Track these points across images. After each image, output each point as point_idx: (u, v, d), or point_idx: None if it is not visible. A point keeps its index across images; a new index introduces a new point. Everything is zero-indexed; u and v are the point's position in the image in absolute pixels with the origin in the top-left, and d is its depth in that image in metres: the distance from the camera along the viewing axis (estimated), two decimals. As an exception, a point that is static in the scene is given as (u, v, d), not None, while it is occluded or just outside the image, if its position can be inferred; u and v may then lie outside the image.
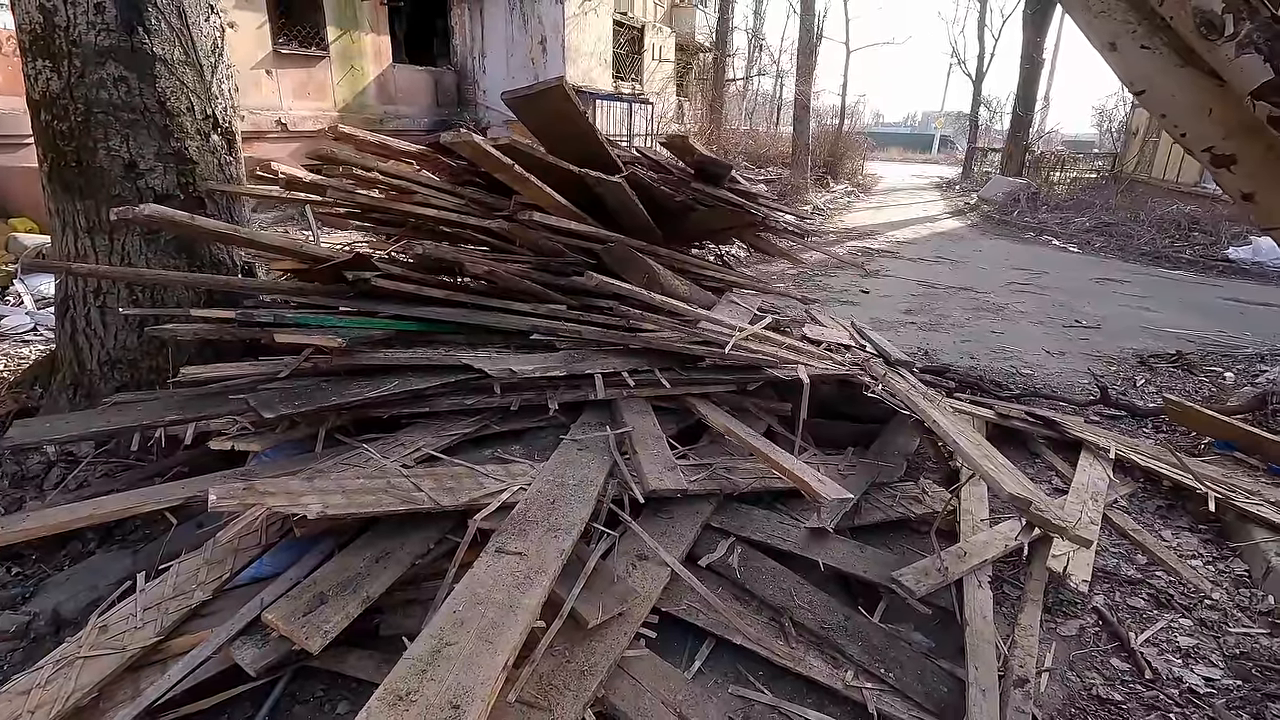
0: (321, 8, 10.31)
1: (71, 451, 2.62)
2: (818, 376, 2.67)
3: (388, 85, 11.81)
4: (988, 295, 6.94)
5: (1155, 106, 1.18)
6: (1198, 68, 1.12)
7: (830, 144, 18.89)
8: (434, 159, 2.90)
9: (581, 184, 2.81)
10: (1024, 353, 4.96)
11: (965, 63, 30.46)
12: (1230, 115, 1.11)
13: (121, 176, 2.57)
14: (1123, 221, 11.53)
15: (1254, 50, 1.01)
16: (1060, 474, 3.06)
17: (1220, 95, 1.12)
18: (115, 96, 2.51)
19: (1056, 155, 20.71)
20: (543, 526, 1.78)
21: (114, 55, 2.48)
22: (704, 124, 17.40)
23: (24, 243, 5.47)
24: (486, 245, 2.97)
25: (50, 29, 2.44)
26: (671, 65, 18.36)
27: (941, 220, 13.78)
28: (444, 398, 2.28)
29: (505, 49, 13.17)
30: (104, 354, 2.71)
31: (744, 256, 7.24)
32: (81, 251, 2.63)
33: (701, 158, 3.04)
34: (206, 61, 2.73)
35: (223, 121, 2.82)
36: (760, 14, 30.85)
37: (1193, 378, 4.46)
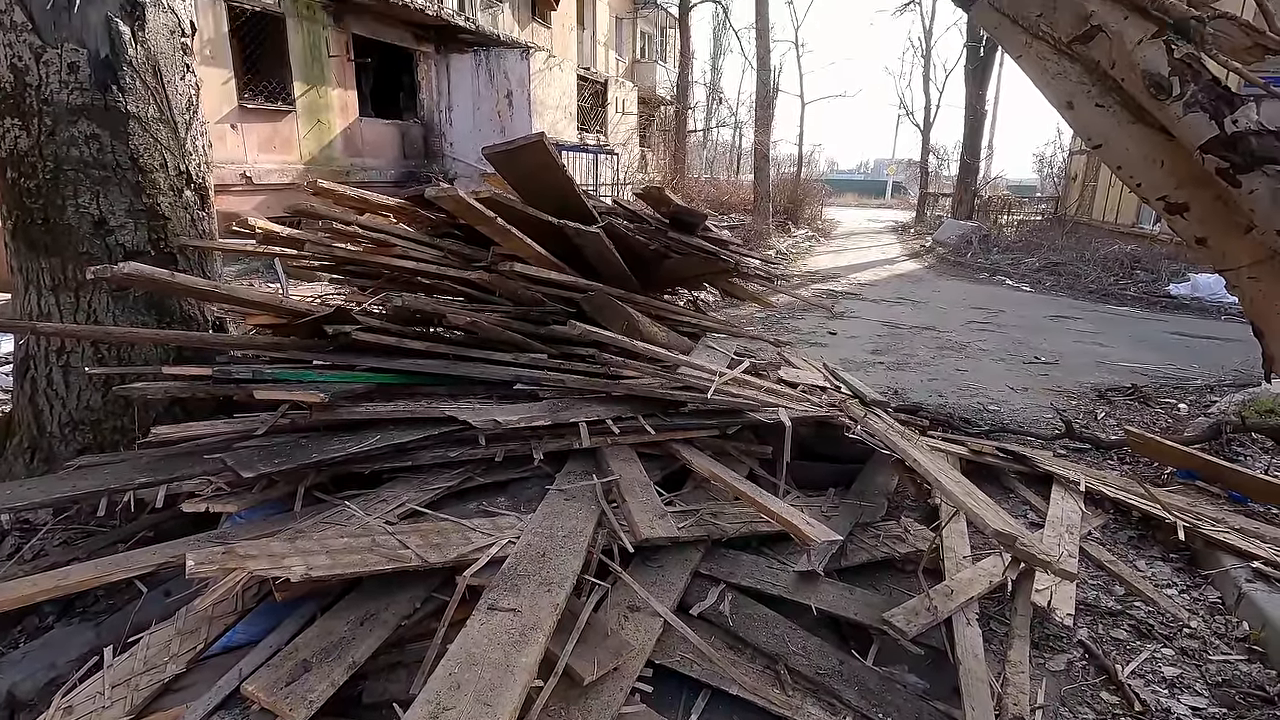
0: (289, 64, 10.39)
1: (27, 519, 2.49)
2: (798, 419, 2.70)
3: (354, 138, 11.88)
4: (950, 334, 7.15)
5: (1111, 159, 1.27)
6: (1149, 124, 1.20)
7: (790, 191, 19.52)
8: (412, 211, 2.91)
9: (560, 234, 2.86)
10: (989, 389, 5.10)
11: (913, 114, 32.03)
12: (1181, 167, 1.19)
13: (90, 233, 2.52)
14: (1070, 261, 12.07)
15: (1199, 109, 1.09)
16: (1035, 508, 3.12)
17: (1171, 149, 1.20)
18: (87, 154, 2.48)
19: (1003, 199, 21.72)
20: (535, 581, 1.74)
21: (86, 113, 2.47)
22: (667, 173, 17.85)
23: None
24: (463, 296, 2.97)
25: (21, 87, 2.42)
26: (634, 118, 18.89)
27: (900, 262, 14.25)
28: (426, 451, 2.25)
29: (472, 103, 13.41)
30: (65, 415, 2.61)
31: (714, 301, 7.35)
32: (46, 310, 2.55)
33: (676, 208, 3.12)
34: (181, 118, 2.72)
35: (196, 177, 2.80)
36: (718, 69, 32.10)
37: (1149, 410, 4.64)
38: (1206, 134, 1.10)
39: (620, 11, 23.25)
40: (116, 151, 2.53)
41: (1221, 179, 1.12)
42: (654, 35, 26.22)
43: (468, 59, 13.35)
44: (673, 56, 24.58)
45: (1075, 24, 1.17)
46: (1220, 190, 1.11)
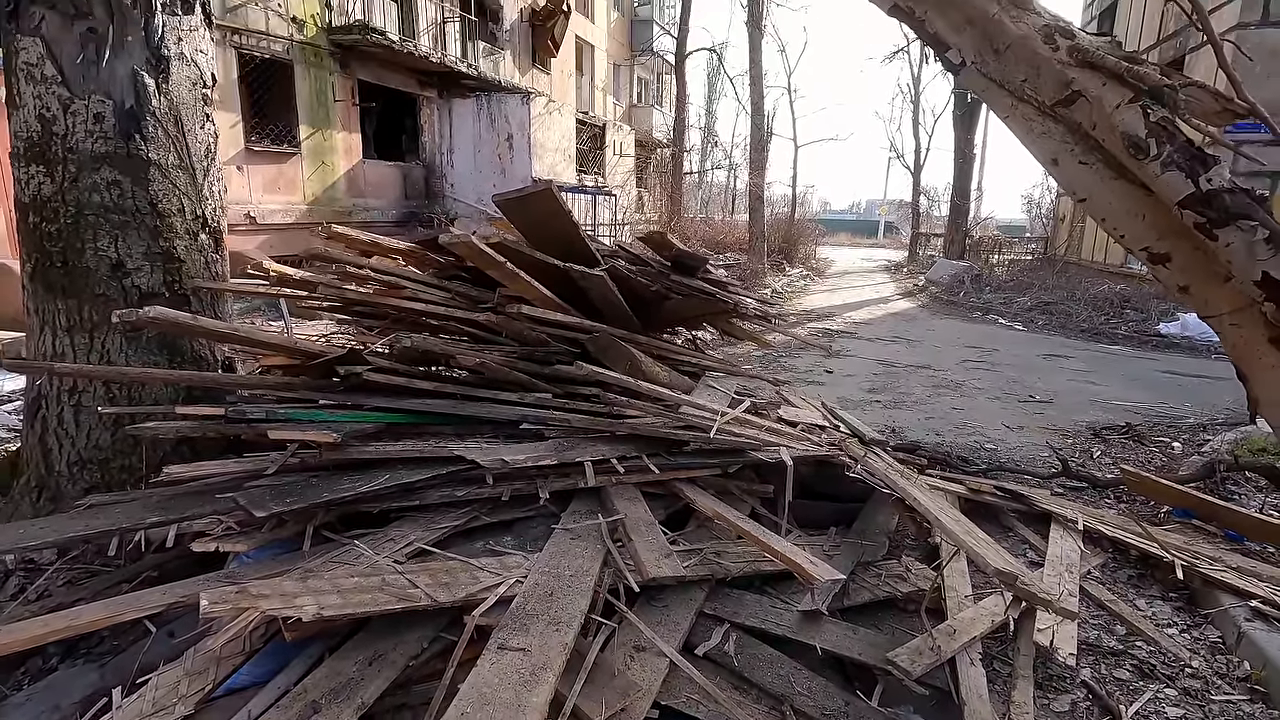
0: (295, 108, 10.66)
1: (32, 559, 2.50)
2: (799, 458, 2.74)
3: (357, 180, 12.10)
4: (945, 373, 7.23)
5: (1096, 212, 1.35)
6: (1129, 180, 1.28)
7: (784, 231, 19.84)
8: (420, 254, 2.99)
9: (564, 277, 2.93)
10: (985, 428, 5.15)
11: (904, 156, 32.75)
12: (1161, 220, 1.27)
13: (107, 276, 2.59)
14: (1061, 300, 12.26)
15: (1176, 168, 1.17)
16: (1034, 547, 3.14)
17: (1151, 203, 1.28)
18: (107, 199, 2.56)
19: (994, 239, 22.13)
20: (543, 620, 1.76)
21: (109, 161, 2.56)
22: (664, 213, 18.16)
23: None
24: (469, 336, 3.03)
25: (47, 136, 2.51)
26: (632, 160, 19.30)
27: (894, 301, 14.43)
28: (434, 490, 2.27)
29: (473, 145, 13.71)
30: (74, 454, 2.63)
31: (712, 340, 7.44)
32: (60, 351, 2.60)
33: (678, 251, 3.21)
34: (200, 165, 2.82)
35: (211, 221, 2.89)
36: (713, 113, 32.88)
37: (1143, 448, 4.69)
38: (1183, 191, 1.18)
39: (618, 59, 23.94)
40: (136, 197, 2.61)
41: (1199, 233, 1.18)
42: (650, 81, 26.95)
43: (469, 103, 13.70)
44: (669, 101, 25.24)
45: (1057, 89, 1.25)
46: (1199, 242, 1.19)
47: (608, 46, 22.58)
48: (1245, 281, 1.19)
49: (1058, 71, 1.25)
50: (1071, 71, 1.23)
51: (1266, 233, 1.13)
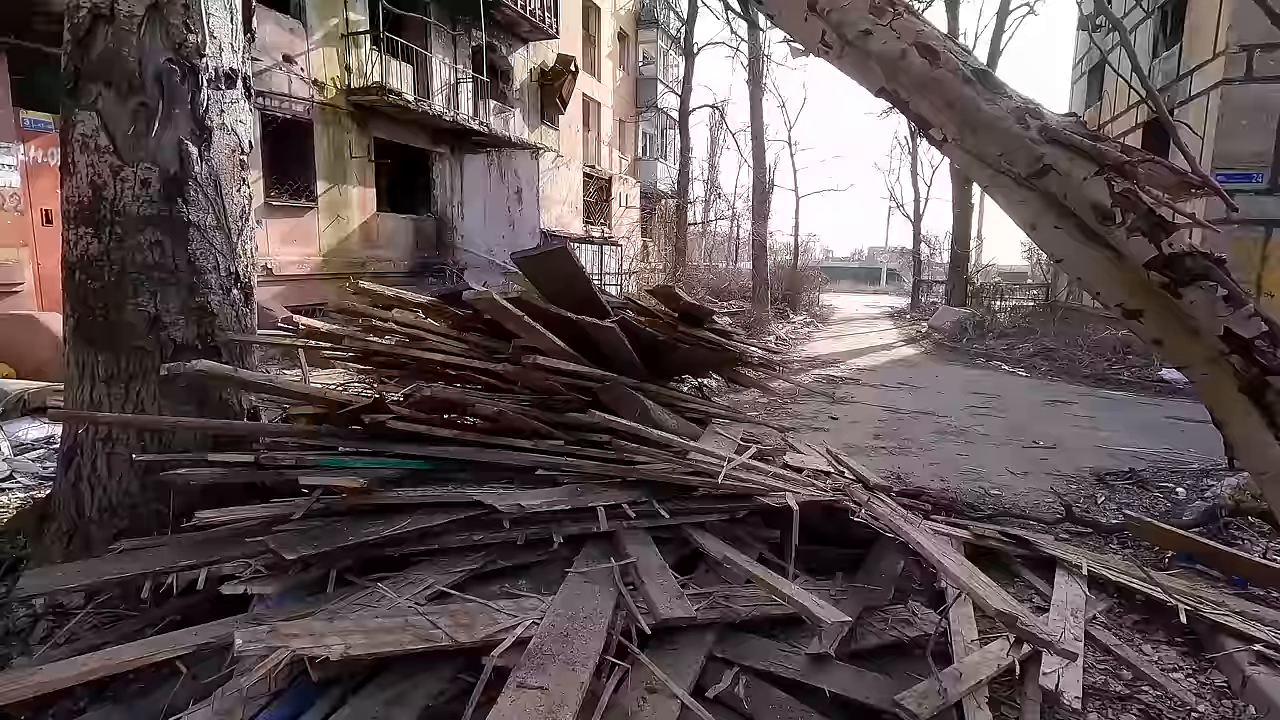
0: (314, 164, 11.07)
1: (61, 603, 2.57)
2: (804, 503, 2.82)
3: (371, 232, 12.46)
4: (949, 419, 7.29)
5: (1072, 272, 1.48)
6: (1100, 244, 1.41)
7: (787, 279, 20.17)
8: (439, 307, 3.14)
9: (576, 328, 3.07)
10: (990, 473, 5.20)
11: (903, 206, 33.42)
12: (1132, 279, 1.40)
13: (145, 329, 2.73)
14: (1063, 346, 12.37)
15: (1140, 234, 1.32)
16: (1040, 592, 3.17)
17: (1122, 264, 1.41)
18: (150, 258, 2.73)
19: (995, 286, 22.37)
20: (560, 660, 1.83)
21: (153, 222, 2.73)
22: (669, 262, 18.51)
23: (5, 389, 5.48)
24: (483, 385, 3.16)
25: (97, 201, 2.69)
26: (637, 211, 19.78)
27: (897, 348, 14.57)
28: (452, 534, 2.36)
29: (483, 199, 14.14)
30: (104, 500, 2.73)
31: (717, 387, 7.54)
32: (97, 400, 2.73)
33: (685, 304, 3.35)
34: (235, 225, 3.00)
35: (243, 277, 3.05)
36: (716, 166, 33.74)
37: (1147, 494, 4.72)
38: (1148, 254, 1.30)
39: (623, 115, 24.76)
40: (176, 256, 2.78)
41: (1165, 291, 1.31)
42: (655, 135, 27.78)
43: (480, 159, 14.18)
44: (673, 154, 25.97)
45: (1030, 163, 1.39)
46: (1167, 300, 1.31)
47: (613, 104, 23.40)
48: (1210, 335, 1.30)
49: (1029, 147, 1.38)
50: (1041, 148, 1.36)
51: (1225, 292, 1.25)
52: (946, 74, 1.39)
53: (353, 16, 11.77)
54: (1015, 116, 1.41)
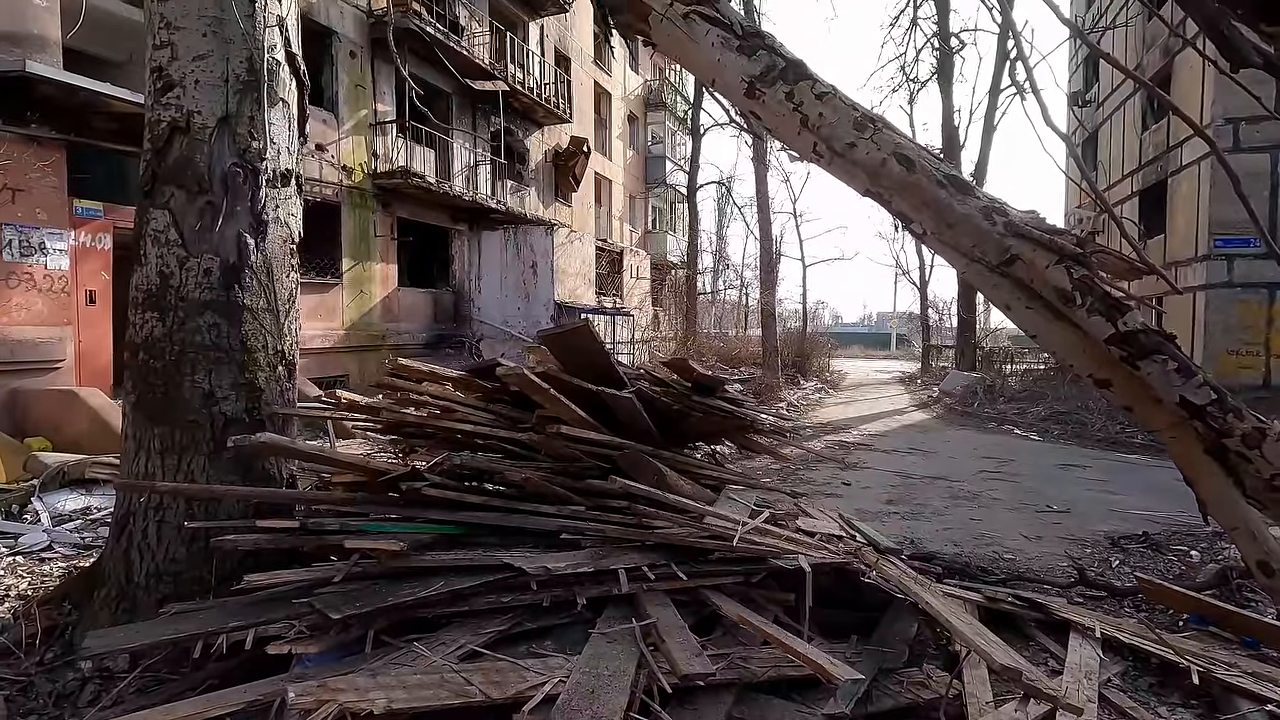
0: (340, 244, 11.63)
1: (108, 666, 2.69)
2: (817, 565, 2.93)
3: (392, 305, 12.92)
4: (962, 484, 7.33)
5: (1046, 346, 1.68)
6: (1067, 322, 1.62)
7: (797, 345, 20.44)
8: (468, 380, 3.36)
9: (595, 398, 3.27)
10: (1003, 538, 5.24)
11: (909, 273, 34.00)
12: (1098, 353, 1.61)
13: (200, 405, 2.96)
14: (1075, 409, 12.39)
15: (1098, 314, 1.53)
16: (1054, 655, 3.21)
17: (1088, 340, 1.62)
18: (207, 339, 2.99)
19: (1004, 350, 22.49)
20: (587, 715, 1.93)
21: (212, 307, 3.00)
22: (679, 331, 18.87)
23: (45, 461, 5.71)
24: (506, 453, 3.33)
25: (164, 289, 2.97)
26: (647, 282, 20.32)
27: (909, 413, 14.62)
28: (481, 596, 2.49)
29: (499, 272, 14.66)
30: (152, 566, 2.89)
31: (729, 454, 7.65)
32: (151, 471, 2.93)
33: (699, 374, 3.56)
34: (283, 308, 3.27)
35: (288, 355, 3.30)
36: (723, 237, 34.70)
37: (1162, 557, 4.74)
38: (1106, 332, 1.51)
39: (634, 191, 25.78)
40: (230, 336, 3.03)
41: (1126, 364, 1.51)
42: (664, 209, 28.79)
43: (497, 235, 14.78)
44: (682, 227, 26.85)
45: (999, 253, 1.60)
46: (1130, 371, 1.50)
47: (624, 180, 24.41)
48: (1170, 403, 1.50)
49: (998, 240, 1.61)
50: (1008, 240, 1.58)
51: (1176, 364, 1.45)
52: (922, 178, 1.63)
53: (380, 107, 12.60)
54: (984, 214, 1.64)
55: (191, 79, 2.99)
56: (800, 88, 1.73)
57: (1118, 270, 1.71)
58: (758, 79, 1.71)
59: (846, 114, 1.70)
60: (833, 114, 1.70)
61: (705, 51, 1.79)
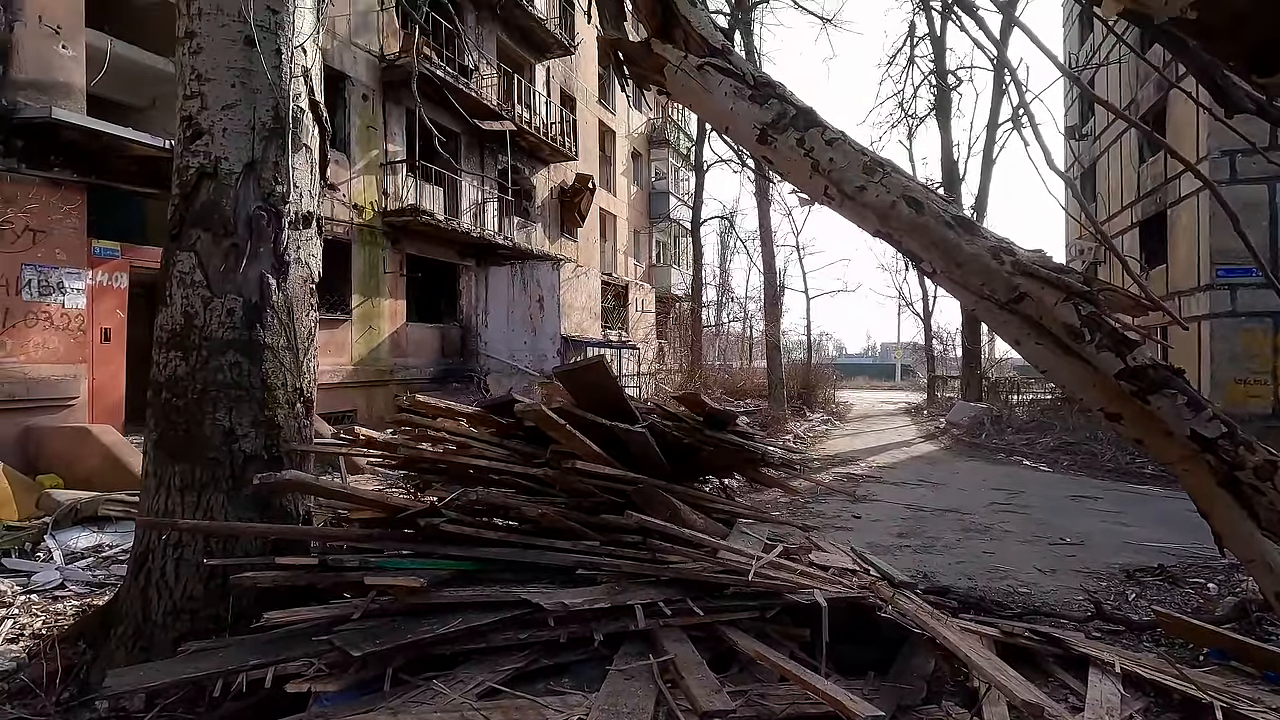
0: (350, 280, 11.79)
1: (124, 706, 2.69)
2: (832, 600, 2.92)
3: (400, 341, 13.03)
4: (973, 516, 7.28)
5: (1056, 381, 1.72)
6: (1077, 357, 1.66)
7: (802, 377, 20.45)
8: (483, 416, 3.41)
9: (608, 433, 3.30)
10: (1017, 571, 5.19)
11: (913, 304, 34.12)
12: (1109, 387, 1.64)
13: (220, 442, 3.00)
14: (1084, 440, 12.32)
15: (1107, 350, 1.57)
16: (1074, 691, 3.17)
17: (1098, 375, 1.65)
18: (228, 377, 3.04)
19: (1011, 380, 22.42)
20: (608, 753, 1.93)
21: (234, 345, 3.07)
22: (684, 364, 18.93)
23: (57, 499, 5.74)
24: (520, 489, 3.36)
25: (188, 329, 3.04)
26: (652, 315, 20.46)
27: (916, 444, 14.55)
28: (498, 633, 2.49)
29: (506, 307, 14.81)
30: (169, 604, 2.90)
31: (739, 487, 7.63)
32: (171, 509, 2.96)
33: (710, 409, 3.60)
34: (303, 346, 3.33)
35: (306, 392, 3.35)
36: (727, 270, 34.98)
37: (1178, 590, 4.69)
38: (1116, 367, 1.54)
39: (638, 225, 26.11)
40: (251, 375, 3.09)
41: (1136, 398, 1.54)
42: (669, 243, 29.11)
43: (504, 270, 14.97)
44: (686, 260, 27.11)
45: (1008, 291, 1.65)
46: (1140, 404, 1.54)
47: (629, 216, 24.76)
48: (1181, 436, 1.53)
49: (1006, 279, 1.65)
50: (1016, 279, 1.63)
51: (1186, 398, 1.49)
52: (930, 220, 1.69)
53: (391, 147, 12.89)
54: (992, 253, 1.69)
55: (220, 127, 3.11)
56: (811, 134, 1.80)
57: (1123, 306, 1.76)
58: (770, 126, 1.79)
59: (856, 159, 1.77)
60: (842, 159, 1.77)
61: (719, 101, 1.88)
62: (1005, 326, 1.78)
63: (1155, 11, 1.24)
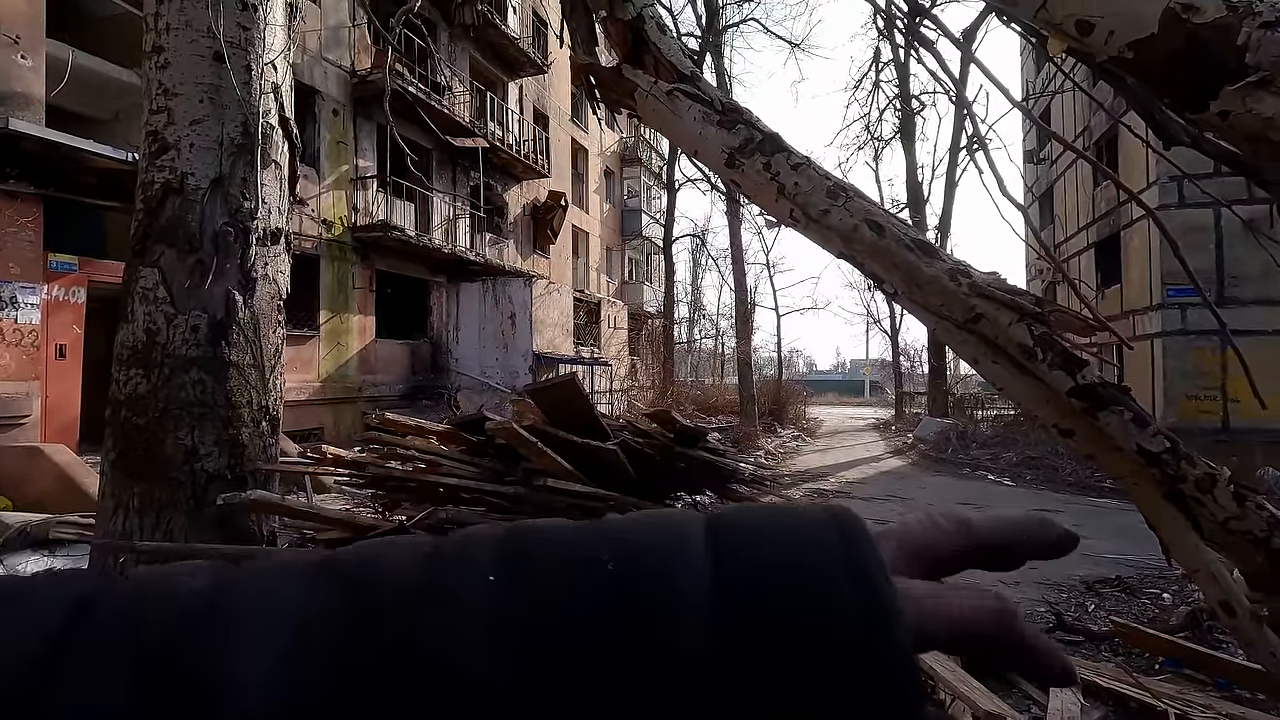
0: (318, 296, 11.63)
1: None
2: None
3: (369, 357, 12.86)
4: (939, 530, 7.40)
5: (1012, 398, 1.78)
6: (1030, 375, 1.72)
7: (773, 393, 20.63)
8: (453, 434, 3.39)
9: (580, 449, 3.31)
10: (981, 584, 5.28)
11: (880, 321, 34.76)
12: (1061, 404, 1.70)
13: (182, 462, 2.94)
14: (1046, 455, 12.64)
15: (1058, 368, 1.63)
16: (1037, 702, 3.24)
17: (1051, 392, 1.71)
18: (192, 395, 2.99)
19: (975, 397, 22.93)
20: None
21: (198, 363, 3.01)
22: (656, 380, 18.99)
23: (6, 521, 5.52)
24: (490, 506, 3.34)
25: (150, 346, 2.98)
26: (625, 331, 20.53)
27: (885, 460, 14.77)
28: (468, 653, 2.47)
29: (478, 323, 14.73)
30: (126, 630, 2.82)
31: (709, 503, 7.66)
32: (129, 530, 2.88)
33: (681, 426, 3.63)
34: (269, 363, 3.29)
35: (272, 410, 3.30)
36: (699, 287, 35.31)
37: (1135, 600, 4.83)
38: (1067, 385, 1.60)
39: (610, 243, 26.24)
40: (216, 393, 3.04)
41: (1087, 415, 1.60)
42: (641, 260, 29.28)
43: (476, 286, 14.91)
44: (658, 277, 27.29)
45: (965, 312, 1.70)
46: (1091, 421, 1.60)
47: (601, 233, 24.87)
48: (1129, 451, 1.60)
49: (963, 300, 1.71)
50: (973, 300, 1.69)
51: (1132, 415, 1.56)
52: (891, 243, 1.75)
53: (361, 163, 12.81)
54: (949, 275, 1.76)
55: (187, 142, 3.08)
56: (777, 159, 1.86)
57: (1073, 327, 1.83)
58: (737, 151, 1.84)
59: (820, 183, 1.83)
60: (807, 183, 1.83)
61: (688, 125, 1.93)
62: (963, 346, 1.84)
63: (1096, 51, 1.31)
